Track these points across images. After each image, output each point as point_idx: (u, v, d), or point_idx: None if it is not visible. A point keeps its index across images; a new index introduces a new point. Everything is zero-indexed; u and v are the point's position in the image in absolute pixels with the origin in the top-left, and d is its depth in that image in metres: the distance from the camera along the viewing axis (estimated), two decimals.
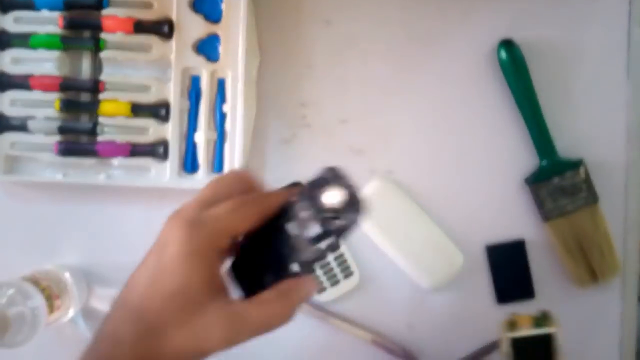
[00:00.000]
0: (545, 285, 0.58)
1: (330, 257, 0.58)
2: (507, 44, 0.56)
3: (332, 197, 0.35)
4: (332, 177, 0.36)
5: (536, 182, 0.57)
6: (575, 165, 0.56)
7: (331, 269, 0.58)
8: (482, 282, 0.59)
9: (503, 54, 0.56)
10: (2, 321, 0.48)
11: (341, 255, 0.58)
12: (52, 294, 0.54)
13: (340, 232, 0.36)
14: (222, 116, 0.58)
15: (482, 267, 0.59)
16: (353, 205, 0.35)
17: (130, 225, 0.60)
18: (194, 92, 0.58)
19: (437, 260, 0.58)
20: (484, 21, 0.58)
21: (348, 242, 0.59)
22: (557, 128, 0.57)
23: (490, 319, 0.58)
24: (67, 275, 0.58)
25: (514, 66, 0.56)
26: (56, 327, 0.59)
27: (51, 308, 0.54)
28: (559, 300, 0.58)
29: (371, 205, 0.36)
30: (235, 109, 0.57)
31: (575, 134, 0.58)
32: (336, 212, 0.35)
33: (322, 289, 0.59)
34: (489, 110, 0.59)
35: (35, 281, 0.54)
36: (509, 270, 0.58)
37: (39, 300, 0.52)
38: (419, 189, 0.59)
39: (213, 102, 0.58)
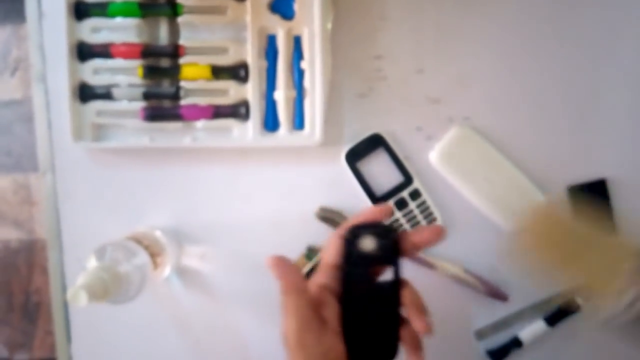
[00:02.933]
0: (628, 223, 0.59)
1: (413, 205, 0.60)
2: None
3: (367, 244, 0.41)
4: (352, 236, 0.42)
5: None
6: None
7: (414, 216, 0.60)
8: None
9: None
10: (115, 278, 0.50)
11: (424, 202, 0.60)
12: (154, 251, 0.56)
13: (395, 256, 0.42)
14: (300, 73, 0.59)
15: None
16: (386, 233, 0.41)
17: (216, 185, 0.62)
18: (271, 51, 0.59)
19: (518, 202, 0.59)
20: None
21: (430, 192, 0.60)
22: None
23: None
24: (159, 234, 0.60)
25: None
26: (151, 286, 0.61)
27: (155, 264, 0.56)
28: None
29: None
30: (314, 65, 0.58)
31: None
32: (379, 249, 0.41)
33: None
34: (565, 50, 0.59)
35: (137, 240, 0.56)
36: (591, 209, 0.58)
37: (144, 258, 0.54)
38: (497, 133, 0.59)
39: (290, 60, 0.59)
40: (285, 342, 0.40)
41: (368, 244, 0.41)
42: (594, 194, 0.59)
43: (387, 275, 0.43)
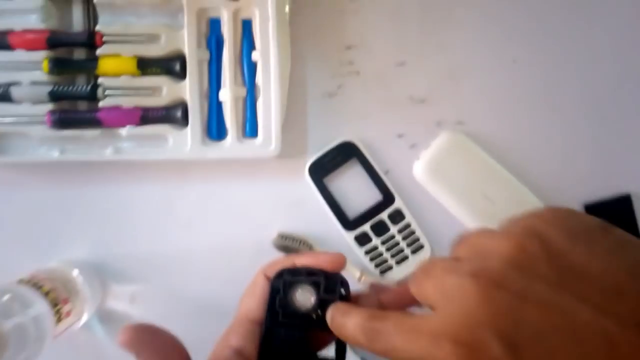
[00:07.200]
0: None
1: (394, 229, 0.52)
2: None
3: (303, 297, 0.31)
4: (283, 281, 0.31)
5: None
6: None
7: (396, 243, 0.51)
8: None
9: None
10: None
11: (408, 226, 0.51)
12: (58, 297, 0.46)
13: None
14: (252, 66, 0.51)
15: None
16: (332, 286, 0.31)
17: (148, 208, 0.54)
18: (213, 39, 0.51)
19: None
20: None
21: (415, 213, 0.51)
22: None
23: None
24: (75, 272, 0.51)
25: None
26: (68, 335, 0.52)
27: (59, 315, 0.45)
28: None
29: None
30: (268, 55, 0.50)
31: None
32: (319, 307, 0.30)
33: (387, 268, 0.51)
34: (580, 37, 0.51)
35: (35, 284, 0.45)
36: None
37: (42, 307, 0.44)
38: (496, 140, 0.52)
39: (239, 50, 0.51)
40: None
41: (304, 297, 0.30)
42: (616, 212, 0.51)
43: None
